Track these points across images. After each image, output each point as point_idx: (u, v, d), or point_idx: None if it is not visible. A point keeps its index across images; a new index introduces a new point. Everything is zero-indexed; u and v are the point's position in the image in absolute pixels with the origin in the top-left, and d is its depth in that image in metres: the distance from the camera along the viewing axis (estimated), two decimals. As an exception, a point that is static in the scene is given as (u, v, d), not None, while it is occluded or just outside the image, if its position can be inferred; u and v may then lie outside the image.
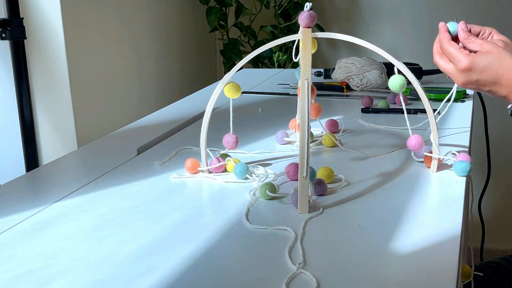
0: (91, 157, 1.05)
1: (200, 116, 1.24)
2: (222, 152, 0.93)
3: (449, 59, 0.86)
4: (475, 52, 0.84)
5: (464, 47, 0.86)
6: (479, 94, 1.36)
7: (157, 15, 1.90)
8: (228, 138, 0.92)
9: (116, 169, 0.94)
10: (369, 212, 0.75)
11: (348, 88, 1.46)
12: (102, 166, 0.95)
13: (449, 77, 0.87)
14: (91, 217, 0.76)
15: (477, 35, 0.89)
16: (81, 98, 1.48)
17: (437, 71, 1.49)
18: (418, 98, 1.27)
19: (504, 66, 0.81)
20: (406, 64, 0.84)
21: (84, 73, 1.50)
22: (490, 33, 0.89)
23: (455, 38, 0.87)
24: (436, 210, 0.76)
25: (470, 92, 1.35)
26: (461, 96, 1.31)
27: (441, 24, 0.88)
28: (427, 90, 1.25)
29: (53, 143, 1.45)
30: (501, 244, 2.14)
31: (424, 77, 1.50)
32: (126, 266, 0.63)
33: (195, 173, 0.90)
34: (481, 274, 1.09)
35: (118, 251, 0.66)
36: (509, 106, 0.82)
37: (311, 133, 1.03)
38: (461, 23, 0.87)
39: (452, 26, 0.88)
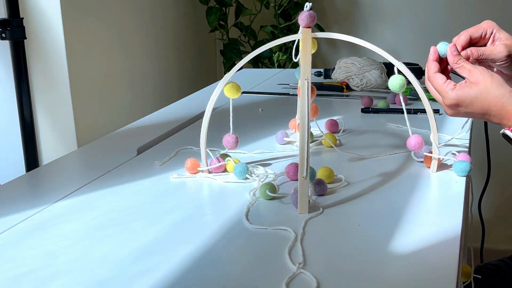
0: (91, 157, 1.05)
1: (200, 116, 1.24)
2: (222, 152, 0.93)
3: (436, 90, 0.85)
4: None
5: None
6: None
7: (157, 15, 1.90)
8: (228, 138, 0.92)
9: (116, 169, 0.94)
10: (369, 212, 0.75)
11: (348, 88, 1.46)
12: (102, 166, 0.95)
13: None
14: (91, 217, 0.75)
15: (479, 39, 0.87)
16: (81, 98, 1.48)
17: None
18: (418, 98, 1.28)
19: (491, 98, 0.80)
20: (406, 64, 0.84)
21: (84, 73, 1.50)
22: (492, 33, 0.87)
23: (446, 60, 0.85)
24: (436, 210, 0.76)
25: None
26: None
27: (432, 49, 0.86)
28: (427, 90, 1.25)
29: (53, 143, 1.45)
30: (501, 244, 2.14)
31: (424, 77, 1.50)
32: (126, 266, 0.63)
33: (195, 173, 0.90)
34: (480, 276, 1.09)
35: (118, 251, 0.66)
36: (502, 131, 0.81)
37: (311, 133, 1.03)
38: (450, 46, 0.85)
39: (442, 47, 0.85)
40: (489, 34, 0.87)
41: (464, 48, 0.86)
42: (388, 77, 1.45)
